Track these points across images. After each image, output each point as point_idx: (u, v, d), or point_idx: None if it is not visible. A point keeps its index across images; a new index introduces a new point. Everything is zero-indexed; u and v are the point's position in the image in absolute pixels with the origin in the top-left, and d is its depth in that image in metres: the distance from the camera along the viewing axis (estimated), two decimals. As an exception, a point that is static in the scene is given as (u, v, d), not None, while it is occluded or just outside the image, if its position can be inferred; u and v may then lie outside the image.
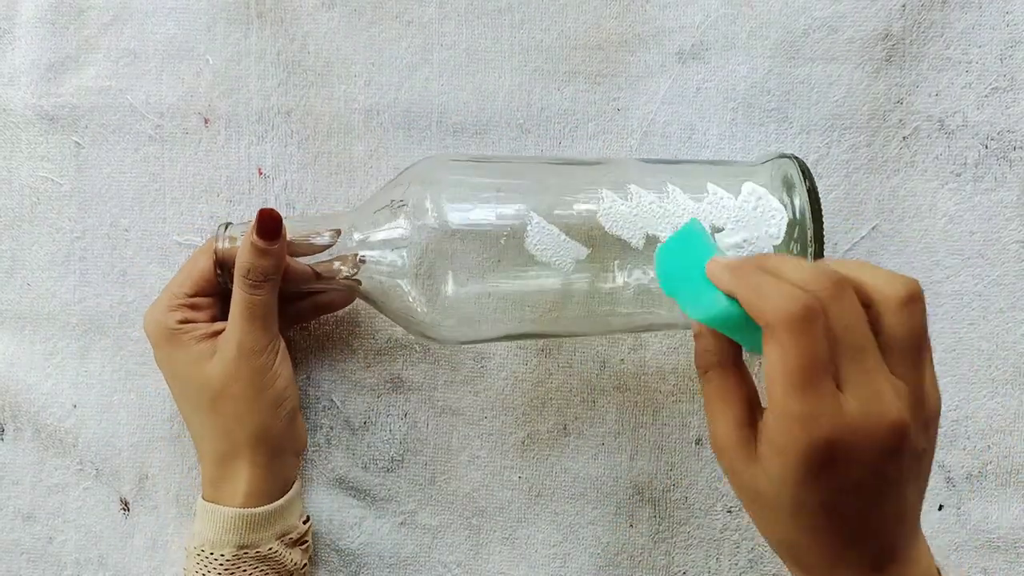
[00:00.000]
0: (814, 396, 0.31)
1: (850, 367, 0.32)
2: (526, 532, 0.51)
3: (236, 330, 0.44)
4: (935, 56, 0.50)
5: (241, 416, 0.44)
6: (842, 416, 0.31)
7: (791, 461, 0.32)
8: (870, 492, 0.32)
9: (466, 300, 0.42)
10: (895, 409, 0.32)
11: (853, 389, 0.32)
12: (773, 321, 0.32)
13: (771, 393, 0.32)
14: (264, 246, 0.42)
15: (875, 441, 0.31)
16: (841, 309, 0.32)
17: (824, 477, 0.32)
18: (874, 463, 0.32)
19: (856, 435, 0.31)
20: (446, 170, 0.43)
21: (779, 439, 0.32)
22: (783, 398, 0.32)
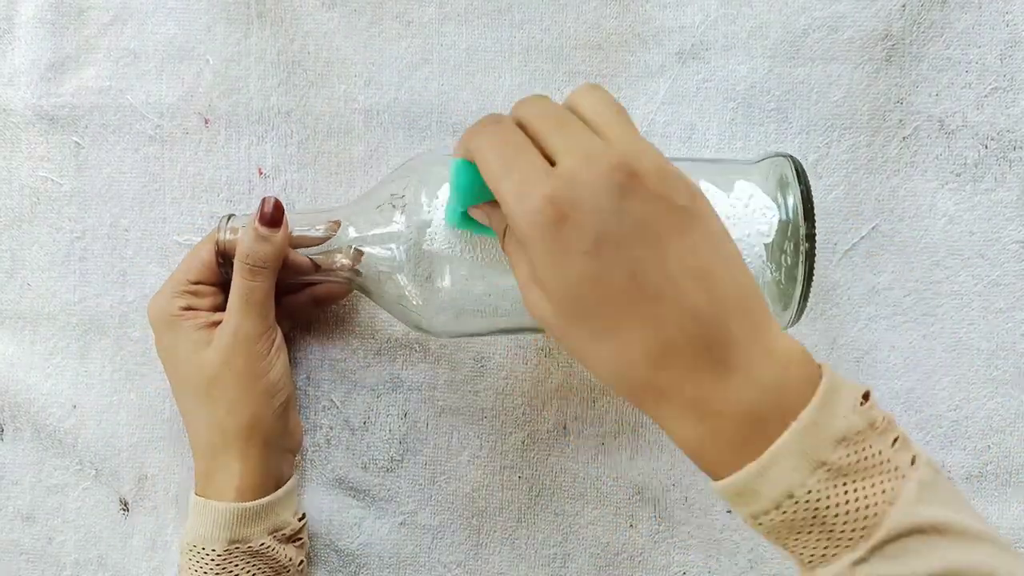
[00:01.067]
0: (519, 169, 0.31)
1: (555, 138, 0.32)
2: (526, 532, 0.51)
3: (233, 316, 0.44)
4: (935, 56, 0.50)
5: (233, 405, 0.44)
6: (557, 175, 0.31)
7: (535, 243, 0.31)
8: (624, 244, 0.30)
9: (462, 294, 0.42)
10: (611, 153, 0.31)
11: (562, 152, 0.31)
12: (470, 139, 0.33)
13: (494, 192, 0.32)
14: (266, 233, 0.43)
15: (599, 181, 0.30)
16: (528, 104, 0.34)
17: (569, 239, 0.30)
18: (610, 206, 0.30)
19: (576, 182, 0.30)
20: (443, 165, 0.43)
21: (517, 231, 0.31)
22: (498, 186, 0.32)
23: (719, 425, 0.31)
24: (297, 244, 0.45)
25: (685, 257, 0.31)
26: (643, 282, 0.31)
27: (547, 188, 0.30)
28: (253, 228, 0.44)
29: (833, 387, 0.32)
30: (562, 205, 0.30)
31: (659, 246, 0.31)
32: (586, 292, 0.31)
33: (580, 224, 0.30)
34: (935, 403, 0.51)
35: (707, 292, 0.31)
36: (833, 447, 0.31)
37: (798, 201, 0.42)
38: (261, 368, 0.45)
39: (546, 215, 0.30)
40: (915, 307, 0.50)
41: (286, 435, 0.48)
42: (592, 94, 0.34)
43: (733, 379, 0.31)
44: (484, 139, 0.33)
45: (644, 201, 0.31)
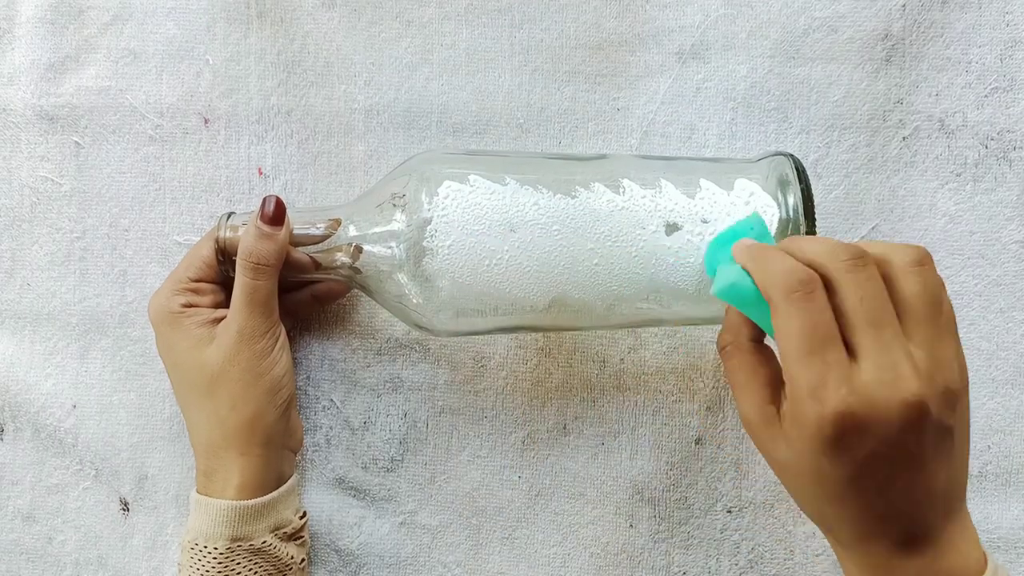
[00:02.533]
0: (821, 363, 0.31)
1: (865, 338, 0.32)
2: (526, 532, 0.51)
3: (237, 314, 0.44)
4: (935, 56, 0.50)
5: (235, 402, 0.44)
6: (853, 385, 0.31)
7: (807, 433, 0.32)
8: (890, 466, 0.32)
9: (462, 293, 0.42)
10: (912, 382, 0.31)
11: (867, 358, 0.31)
12: (772, 292, 0.32)
13: (783, 366, 0.33)
14: (268, 231, 0.44)
15: (891, 413, 0.31)
16: (856, 280, 0.32)
17: (841, 449, 0.32)
18: (892, 437, 0.31)
19: (870, 406, 0.31)
20: (443, 164, 0.43)
21: (793, 410, 0.32)
22: (791, 367, 0.32)
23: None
24: (298, 242, 0.45)
25: (930, 480, 0.33)
26: (885, 494, 0.33)
27: (842, 402, 0.31)
28: (255, 226, 0.44)
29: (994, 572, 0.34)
30: (849, 423, 0.31)
31: (916, 470, 0.32)
32: (833, 484, 0.33)
33: (858, 443, 0.32)
34: (935, 403, 0.51)
35: (930, 506, 0.33)
36: None
37: (798, 200, 0.42)
38: (264, 366, 0.45)
39: (830, 428, 0.31)
40: (915, 307, 0.50)
41: (287, 433, 0.48)
42: (923, 277, 0.33)
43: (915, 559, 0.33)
44: (789, 307, 0.32)
45: (924, 434, 0.32)
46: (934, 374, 0.32)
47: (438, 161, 0.43)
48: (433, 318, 0.43)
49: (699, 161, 0.46)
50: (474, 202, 0.42)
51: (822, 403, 0.31)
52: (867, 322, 0.32)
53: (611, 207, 0.42)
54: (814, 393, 0.31)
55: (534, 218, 0.41)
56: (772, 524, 0.50)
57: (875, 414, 0.31)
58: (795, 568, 0.50)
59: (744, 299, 0.35)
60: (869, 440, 0.31)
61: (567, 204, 0.42)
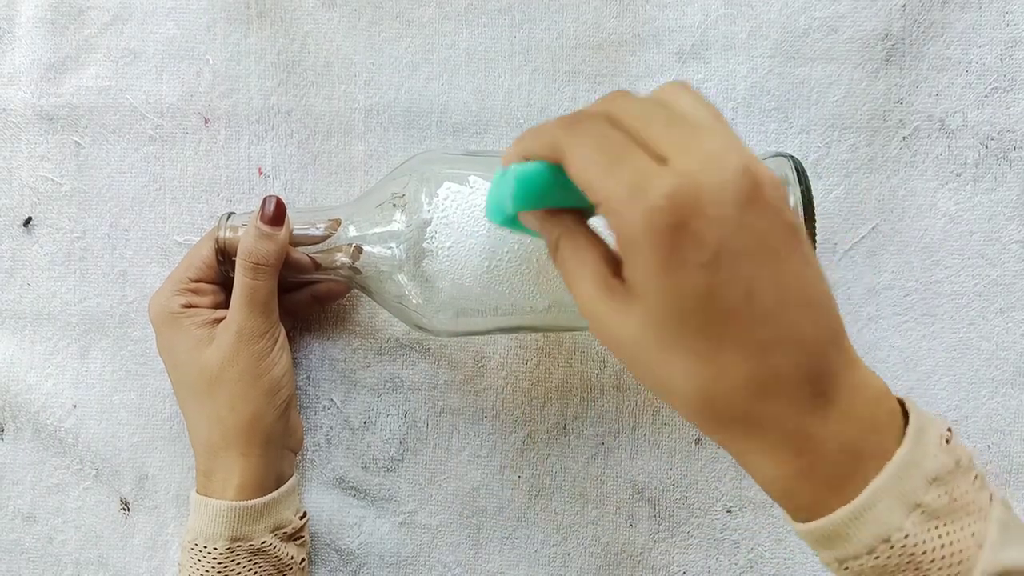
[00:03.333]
0: (630, 167, 0.27)
1: (667, 139, 0.28)
2: (526, 532, 0.51)
3: (236, 315, 0.44)
4: (935, 56, 0.50)
5: (235, 402, 0.44)
6: (675, 174, 0.27)
7: (643, 247, 0.27)
8: (747, 260, 0.27)
9: (462, 293, 0.42)
10: (731, 155, 0.27)
11: (679, 153, 0.27)
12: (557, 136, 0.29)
13: (594, 195, 0.28)
14: (268, 231, 0.44)
15: (725, 186, 0.27)
16: (627, 100, 0.30)
17: (684, 247, 0.27)
18: (733, 217, 0.27)
19: (699, 184, 0.27)
20: (443, 164, 0.43)
21: (623, 233, 0.28)
22: (600, 186, 0.28)
23: (816, 461, 0.29)
24: (297, 242, 0.45)
25: (796, 280, 0.28)
26: (757, 304, 0.28)
27: (666, 186, 0.27)
28: (255, 226, 0.44)
29: (921, 425, 0.30)
30: (683, 208, 0.27)
31: (776, 265, 0.28)
32: (694, 308, 0.28)
33: (701, 232, 0.27)
34: (935, 403, 0.51)
35: (814, 321, 0.29)
36: (927, 488, 0.29)
37: (798, 201, 0.42)
38: (264, 366, 0.45)
39: (665, 217, 0.27)
40: (915, 307, 0.50)
41: (287, 434, 0.48)
42: (687, 93, 0.30)
43: (832, 413, 0.29)
44: (576, 136, 0.29)
45: (765, 214, 0.28)
46: (751, 155, 0.28)
47: (438, 161, 0.44)
48: (433, 318, 0.43)
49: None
50: (474, 203, 0.42)
51: (647, 195, 0.27)
52: (662, 125, 0.28)
53: None
54: (634, 192, 0.27)
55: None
56: (772, 524, 0.50)
57: (709, 192, 0.27)
58: (795, 568, 0.50)
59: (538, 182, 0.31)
60: (712, 226, 0.27)
61: None
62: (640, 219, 0.27)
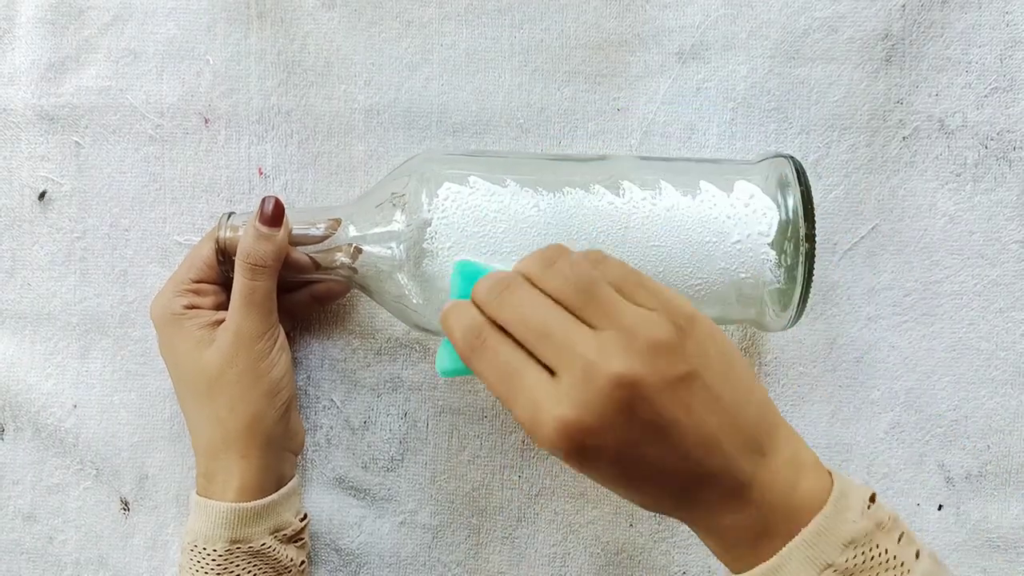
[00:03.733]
0: (525, 395, 0.32)
1: (544, 350, 0.32)
2: (526, 532, 0.51)
3: (235, 316, 0.44)
4: (935, 56, 0.50)
5: (235, 404, 0.44)
6: (557, 399, 0.31)
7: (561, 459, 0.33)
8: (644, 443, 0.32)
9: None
10: (606, 365, 0.31)
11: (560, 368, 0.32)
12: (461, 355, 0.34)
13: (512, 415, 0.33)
14: (267, 232, 0.44)
15: (604, 403, 0.31)
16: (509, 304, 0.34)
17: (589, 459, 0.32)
18: (621, 421, 0.31)
19: (582, 406, 0.31)
20: (443, 164, 0.43)
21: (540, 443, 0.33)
22: (512, 413, 0.33)
23: (734, 537, 0.34)
24: (297, 242, 0.45)
25: (696, 431, 0.32)
26: (663, 467, 0.33)
27: (555, 414, 0.31)
28: (253, 227, 0.44)
29: (842, 493, 0.33)
30: (576, 434, 0.31)
31: (672, 435, 0.32)
32: (613, 484, 0.34)
33: (598, 447, 0.32)
34: (935, 403, 0.51)
35: (720, 454, 0.33)
36: (841, 550, 0.32)
37: (798, 201, 0.42)
38: (263, 368, 0.45)
39: (564, 443, 0.31)
40: (915, 307, 0.50)
41: (287, 435, 0.48)
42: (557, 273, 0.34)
43: (746, 508, 0.33)
44: (480, 363, 0.34)
45: (650, 404, 0.31)
46: (630, 340, 0.32)
47: (438, 161, 0.44)
48: (433, 318, 0.43)
49: (699, 162, 0.46)
50: (474, 204, 0.42)
51: (541, 428, 0.32)
52: (536, 336, 0.32)
53: (610, 209, 0.42)
54: (533, 426, 0.32)
55: (534, 220, 0.41)
56: (772, 524, 0.50)
57: (589, 413, 0.31)
58: None
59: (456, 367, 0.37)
60: (604, 439, 0.31)
61: (567, 206, 0.42)
62: (547, 446, 0.32)
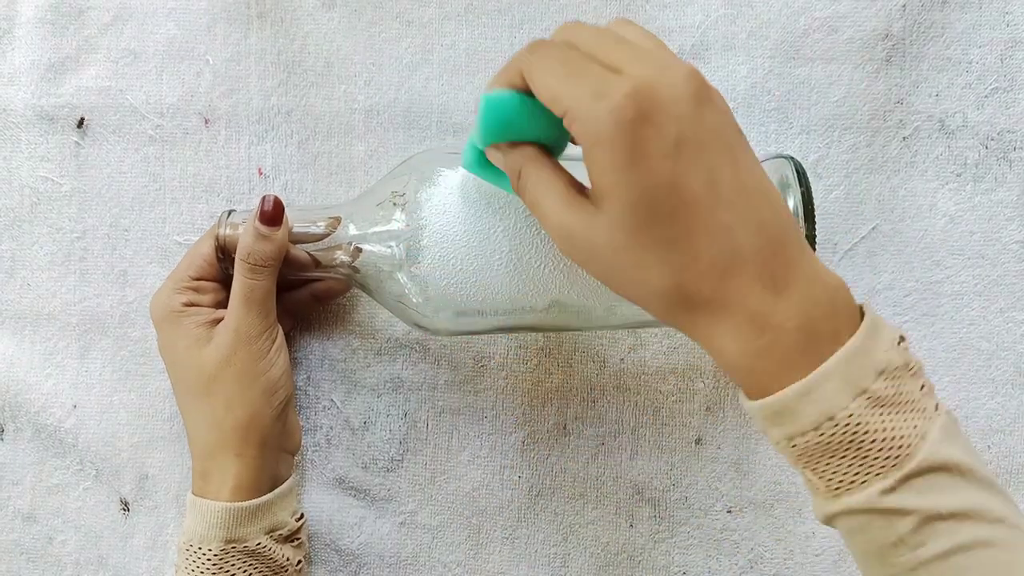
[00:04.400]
0: (592, 76, 0.31)
1: (620, 54, 0.31)
2: (526, 532, 0.51)
3: (234, 314, 0.44)
4: (935, 56, 0.50)
5: (233, 403, 0.44)
6: (632, 78, 0.30)
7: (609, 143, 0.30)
8: (706, 151, 0.30)
9: (462, 293, 0.42)
10: (682, 62, 0.31)
11: (633, 63, 0.31)
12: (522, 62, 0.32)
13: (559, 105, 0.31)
14: (266, 231, 0.43)
15: (678, 85, 0.30)
16: (580, 27, 0.33)
17: (649, 139, 0.30)
18: (689, 111, 0.30)
19: (655, 85, 0.30)
20: (444, 163, 0.43)
21: (589, 135, 0.30)
22: (568, 96, 0.30)
23: (776, 339, 0.31)
24: (297, 240, 0.45)
25: (751, 173, 0.31)
26: (719, 190, 0.30)
27: (626, 86, 0.30)
28: (253, 226, 0.44)
29: (876, 322, 0.32)
30: (644, 103, 0.29)
31: (732, 156, 0.31)
32: (661, 197, 0.30)
33: (661, 125, 0.30)
34: (935, 403, 0.51)
35: (771, 207, 0.32)
36: (874, 377, 0.31)
37: (799, 202, 0.42)
38: (261, 367, 0.45)
39: (627, 113, 0.29)
40: (915, 307, 0.50)
41: (284, 435, 0.48)
42: (633, 25, 0.34)
43: (793, 294, 0.31)
44: (539, 57, 0.32)
45: (717, 112, 0.31)
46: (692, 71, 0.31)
47: (439, 160, 0.43)
48: (433, 318, 0.43)
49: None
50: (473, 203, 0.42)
51: (610, 95, 0.30)
52: (614, 43, 0.32)
53: None
54: (598, 95, 0.30)
55: (534, 219, 0.41)
56: (772, 524, 0.50)
57: (665, 89, 0.30)
58: (795, 568, 0.50)
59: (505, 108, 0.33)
60: (671, 119, 0.30)
61: None
62: (604, 117, 0.29)
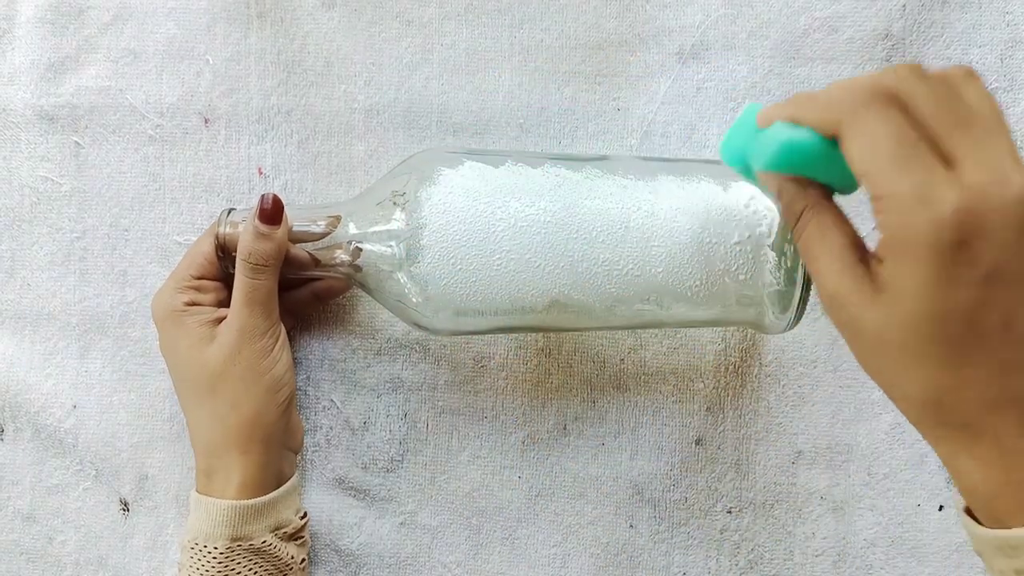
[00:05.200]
0: (921, 168, 0.27)
1: (957, 140, 0.28)
2: (526, 532, 0.51)
3: (237, 314, 0.44)
4: (935, 56, 0.50)
5: (237, 401, 0.44)
6: (963, 187, 0.27)
7: (920, 255, 0.28)
8: (1016, 286, 0.28)
9: (462, 292, 0.42)
10: (1019, 170, 0.27)
11: (967, 160, 0.28)
12: (842, 113, 0.29)
13: (874, 189, 0.28)
14: (265, 230, 0.43)
15: (1007, 212, 0.27)
16: (927, 86, 0.29)
17: (963, 260, 0.27)
18: (1014, 241, 0.27)
19: (986, 203, 0.27)
20: (444, 163, 0.43)
21: (899, 235, 0.28)
22: (885, 181, 0.28)
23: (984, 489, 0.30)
24: (297, 239, 0.45)
25: None
26: (1014, 328, 0.28)
27: (955, 199, 0.27)
28: (253, 226, 0.44)
29: None
30: (968, 224, 0.27)
31: None
32: (953, 321, 0.28)
33: (979, 252, 0.27)
34: (935, 403, 0.50)
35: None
36: None
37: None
38: (266, 364, 0.45)
39: (949, 233, 0.27)
40: (915, 307, 0.50)
41: (288, 433, 0.48)
42: (975, 83, 0.30)
43: None
44: (866, 121, 0.28)
45: None
46: None
47: (439, 160, 0.43)
48: (433, 318, 0.43)
49: (699, 163, 0.46)
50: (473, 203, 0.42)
51: (935, 205, 0.27)
52: (954, 124, 0.28)
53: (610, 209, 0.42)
54: (923, 199, 0.27)
55: (533, 219, 0.41)
56: (772, 524, 0.50)
57: (994, 212, 0.27)
58: (795, 568, 0.50)
59: (804, 151, 0.31)
60: (992, 248, 0.27)
61: (566, 205, 0.42)
62: (923, 228, 0.27)
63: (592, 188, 0.42)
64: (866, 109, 0.29)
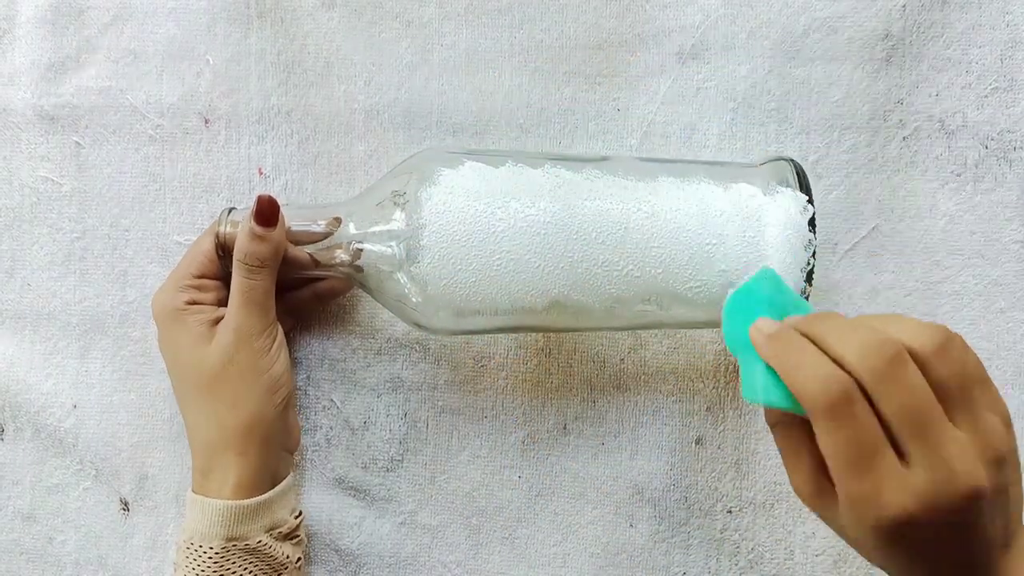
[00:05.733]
0: (870, 476, 0.31)
1: (912, 443, 0.31)
2: (526, 532, 0.51)
3: (234, 314, 0.44)
4: (935, 56, 0.50)
5: (236, 401, 0.44)
6: (907, 491, 0.31)
7: (863, 535, 0.32)
8: (950, 546, 0.32)
9: (461, 292, 0.42)
10: (965, 474, 0.31)
11: (918, 463, 0.31)
12: (811, 407, 0.32)
13: (834, 478, 0.32)
14: (261, 232, 0.43)
15: (952, 508, 0.31)
16: (897, 387, 0.32)
17: (899, 543, 0.32)
18: (949, 530, 0.32)
19: (928, 509, 0.31)
20: (444, 163, 0.43)
21: (847, 515, 0.32)
22: (840, 480, 0.32)
23: None
24: (297, 239, 0.45)
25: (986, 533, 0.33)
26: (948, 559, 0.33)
27: (901, 509, 0.31)
28: (249, 227, 0.44)
29: None
30: (910, 526, 0.31)
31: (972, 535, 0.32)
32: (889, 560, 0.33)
33: (918, 541, 0.32)
34: (935, 403, 0.51)
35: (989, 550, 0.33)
36: None
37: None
38: (263, 365, 0.45)
39: (891, 532, 0.32)
40: (915, 307, 0.50)
41: (285, 433, 0.48)
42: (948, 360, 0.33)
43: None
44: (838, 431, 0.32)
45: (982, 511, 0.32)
46: (983, 450, 0.32)
47: (439, 160, 0.43)
48: (433, 318, 0.43)
49: (699, 164, 0.46)
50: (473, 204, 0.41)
51: (880, 510, 0.31)
52: (910, 427, 0.31)
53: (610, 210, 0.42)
54: (871, 502, 0.31)
55: (533, 220, 0.41)
56: (772, 524, 0.50)
57: (935, 514, 0.31)
58: (795, 568, 0.50)
59: (780, 403, 0.34)
60: (928, 531, 0.32)
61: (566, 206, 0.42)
62: (870, 523, 0.32)
63: (592, 189, 0.42)
64: (831, 412, 0.32)
